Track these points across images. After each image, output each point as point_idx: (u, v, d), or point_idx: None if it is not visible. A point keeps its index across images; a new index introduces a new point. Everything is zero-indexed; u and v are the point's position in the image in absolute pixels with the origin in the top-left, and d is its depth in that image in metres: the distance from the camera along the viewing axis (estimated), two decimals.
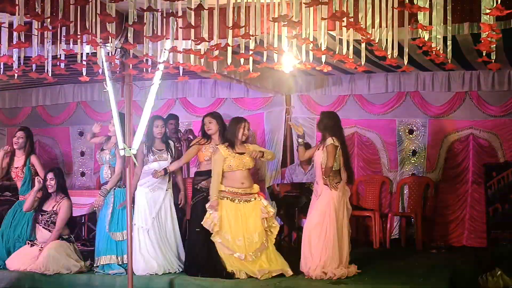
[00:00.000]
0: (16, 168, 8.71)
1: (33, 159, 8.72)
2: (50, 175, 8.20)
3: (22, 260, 7.97)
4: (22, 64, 6.10)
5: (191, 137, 9.48)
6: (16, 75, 6.26)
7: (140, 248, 7.66)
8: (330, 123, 7.58)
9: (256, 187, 7.68)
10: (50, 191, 8.16)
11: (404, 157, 10.56)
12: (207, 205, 7.45)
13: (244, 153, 7.58)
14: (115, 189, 7.92)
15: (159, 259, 7.69)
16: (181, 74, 6.49)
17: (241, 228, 7.45)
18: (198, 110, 11.19)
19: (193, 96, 11.40)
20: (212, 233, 7.44)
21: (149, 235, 7.76)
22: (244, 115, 10.94)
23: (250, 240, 7.42)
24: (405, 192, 10.46)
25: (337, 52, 5.72)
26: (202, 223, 7.46)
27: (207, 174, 7.71)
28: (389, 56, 5.50)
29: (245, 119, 7.84)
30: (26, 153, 8.72)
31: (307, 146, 9.39)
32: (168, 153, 8.01)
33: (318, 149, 7.61)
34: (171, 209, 7.97)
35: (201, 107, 11.29)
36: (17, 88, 11.65)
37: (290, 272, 7.38)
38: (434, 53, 5.50)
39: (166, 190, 7.94)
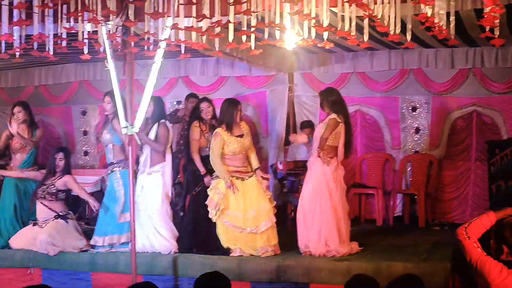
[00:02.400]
0: (22, 141, 8.51)
1: (38, 132, 8.68)
2: (60, 155, 8.19)
3: (24, 239, 8.00)
4: (23, 43, 6.07)
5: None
6: (17, 53, 6.23)
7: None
8: (334, 99, 7.56)
9: (256, 165, 7.72)
10: (57, 170, 8.17)
11: (407, 135, 10.56)
12: (226, 186, 7.42)
13: (243, 134, 7.58)
14: (120, 171, 7.91)
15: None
16: (183, 52, 6.46)
17: (250, 201, 7.46)
18: (201, 88, 11.16)
19: (196, 74, 11.37)
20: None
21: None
22: (247, 94, 11.07)
23: (260, 211, 7.43)
24: (408, 169, 10.46)
25: (339, 29, 5.69)
26: (207, 202, 7.47)
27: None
28: (392, 32, 5.47)
29: (239, 101, 7.83)
30: (28, 126, 8.59)
31: (310, 124, 9.42)
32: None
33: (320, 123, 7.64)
34: (156, 193, 7.72)
35: (203, 86, 11.27)
36: (20, 67, 11.62)
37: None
38: (437, 28, 5.46)
39: (151, 173, 7.76)
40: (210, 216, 7.46)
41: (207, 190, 7.54)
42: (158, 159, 7.75)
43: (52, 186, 8.08)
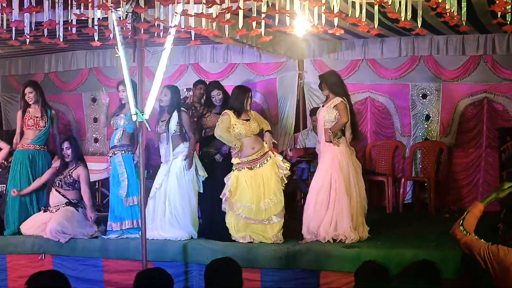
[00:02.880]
0: (37, 117, 8.49)
1: (53, 113, 8.70)
2: (65, 144, 8.20)
3: (35, 226, 8.05)
4: (33, 29, 6.07)
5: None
6: (27, 40, 6.23)
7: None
8: (334, 81, 7.56)
9: (266, 146, 7.61)
10: (67, 160, 8.19)
11: (417, 122, 10.53)
12: (233, 153, 7.54)
13: (249, 119, 7.58)
14: (122, 154, 7.92)
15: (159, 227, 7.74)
16: (193, 39, 6.45)
17: (263, 192, 7.46)
18: (211, 75, 11.15)
19: (206, 61, 11.36)
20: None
21: (151, 204, 7.79)
22: (257, 80, 11.06)
23: (274, 201, 7.44)
24: (418, 156, 10.43)
25: (349, 15, 5.67)
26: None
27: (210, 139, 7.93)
28: (402, 19, 5.44)
29: (249, 89, 7.85)
30: (41, 105, 8.57)
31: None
32: (166, 125, 7.82)
33: (323, 106, 7.61)
34: (178, 179, 7.76)
35: (213, 73, 11.26)
36: (30, 54, 11.65)
37: None
38: (448, 15, 5.42)
39: (173, 160, 7.79)
40: (223, 206, 7.52)
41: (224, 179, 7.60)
42: (180, 141, 7.80)
43: (69, 177, 8.12)
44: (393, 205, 9.96)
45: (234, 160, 7.57)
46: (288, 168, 7.59)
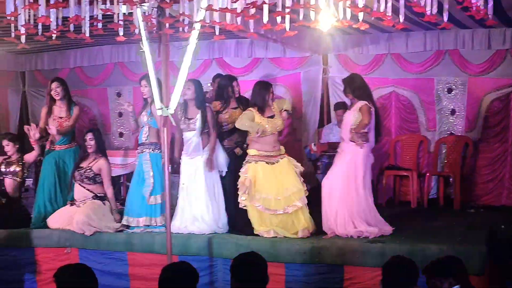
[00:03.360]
0: (61, 118, 8.60)
1: (76, 110, 8.73)
2: (89, 135, 8.27)
3: (61, 219, 8.13)
4: (60, 25, 6.12)
5: None
6: (54, 35, 6.28)
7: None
8: (357, 85, 7.59)
9: (282, 149, 7.71)
10: (89, 151, 8.25)
11: (442, 117, 10.45)
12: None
13: (274, 115, 7.58)
14: (150, 153, 7.97)
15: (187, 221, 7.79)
16: (217, 34, 6.46)
17: (280, 185, 7.49)
18: (235, 70, 11.16)
19: (230, 56, 11.37)
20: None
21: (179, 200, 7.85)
22: (281, 75, 11.05)
23: (289, 194, 7.46)
24: (443, 151, 10.37)
25: (374, 9, 5.64)
26: (238, 187, 7.55)
27: (230, 133, 8.00)
28: (428, 13, 5.40)
29: (271, 83, 7.86)
30: (67, 102, 8.68)
31: (344, 106, 9.39)
32: (197, 123, 7.81)
33: (349, 109, 7.63)
34: (205, 174, 7.80)
35: (237, 67, 11.28)
36: (56, 49, 11.75)
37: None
38: (474, 8, 5.38)
39: (203, 155, 7.83)
40: (239, 201, 7.53)
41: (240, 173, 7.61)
42: (207, 141, 7.83)
43: (89, 170, 8.18)
44: (417, 200, 9.92)
45: (251, 151, 7.59)
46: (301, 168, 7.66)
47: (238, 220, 7.75)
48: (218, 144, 7.91)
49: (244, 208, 7.54)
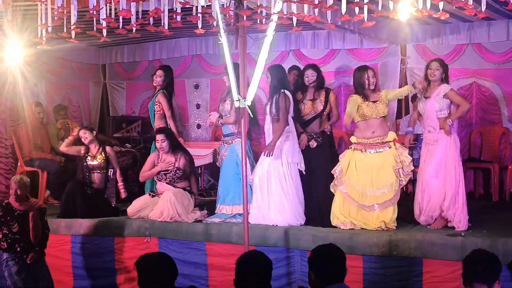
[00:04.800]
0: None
1: (160, 96, 8.94)
2: (161, 137, 8.32)
3: (142, 208, 8.29)
4: (140, 18, 6.23)
5: None
6: (134, 29, 6.40)
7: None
8: (446, 70, 7.43)
9: (391, 135, 7.54)
10: (162, 152, 8.35)
11: None
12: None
13: (377, 101, 7.52)
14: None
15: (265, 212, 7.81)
16: (294, 25, 6.46)
17: (371, 179, 7.43)
18: (312, 61, 11.05)
19: (307, 47, 11.34)
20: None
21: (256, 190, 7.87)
22: (358, 66, 10.92)
23: (379, 192, 7.40)
24: None
25: None
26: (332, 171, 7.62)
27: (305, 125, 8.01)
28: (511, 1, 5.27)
29: (367, 67, 7.76)
30: (168, 92, 9.03)
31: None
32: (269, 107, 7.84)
33: (426, 98, 7.47)
34: (283, 164, 7.74)
35: (314, 59, 11.20)
36: (135, 42, 11.97)
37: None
38: None
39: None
40: (331, 184, 7.57)
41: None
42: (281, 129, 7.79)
43: (179, 172, 8.32)
44: (499, 193, 9.69)
45: (352, 138, 7.64)
46: (409, 163, 7.43)
47: (313, 212, 7.77)
48: (292, 135, 7.82)
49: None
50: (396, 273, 6.85)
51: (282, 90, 7.76)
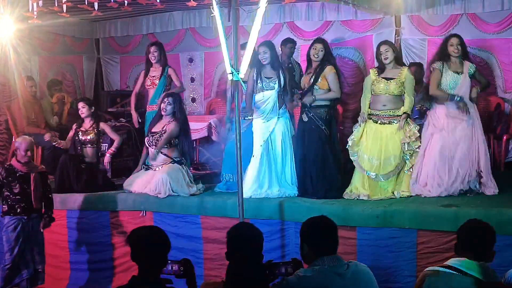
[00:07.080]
0: (153, 76, 9.07)
1: (170, 70, 9.11)
2: (169, 99, 8.31)
3: (137, 183, 8.28)
4: None
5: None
6: (126, 2, 6.35)
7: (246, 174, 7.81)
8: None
9: (403, 109, 7.58)
10: (163, 113, 8.33)
11: None
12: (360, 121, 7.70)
13: (393, 78, 7.54)
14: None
15: (264, 184, 7.82)
16: None
17: (378, 149, 7.55)
18: (306, 34, 11.09)
19: (301, 19, 11.27)
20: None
21: (256, 162, 7.85)
22: (353, 38, 10.92)
23: (385, 162, 7.53)
24: None
25: None
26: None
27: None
28: None
29: (383, 42, 7.86)
30: (162, 65, 9.10)
31: (419, 65, 9.28)
32: (277, 81, 7.81)
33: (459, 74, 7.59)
34: (283, 136, 7.86)
35: (309, 31, 11.17)
36: (128, 16, 11.89)
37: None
38: None
39: (278, 117, 7.85)
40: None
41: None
42: (282, 102, 7.88)
43: (156, 133, 8.27)
44: (494, 163, 9.69)
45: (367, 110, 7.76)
46: (416, 138, 7.54)
47: (307, 185, 7.79)
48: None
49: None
50: (391, 244, 6.86)
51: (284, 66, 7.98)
